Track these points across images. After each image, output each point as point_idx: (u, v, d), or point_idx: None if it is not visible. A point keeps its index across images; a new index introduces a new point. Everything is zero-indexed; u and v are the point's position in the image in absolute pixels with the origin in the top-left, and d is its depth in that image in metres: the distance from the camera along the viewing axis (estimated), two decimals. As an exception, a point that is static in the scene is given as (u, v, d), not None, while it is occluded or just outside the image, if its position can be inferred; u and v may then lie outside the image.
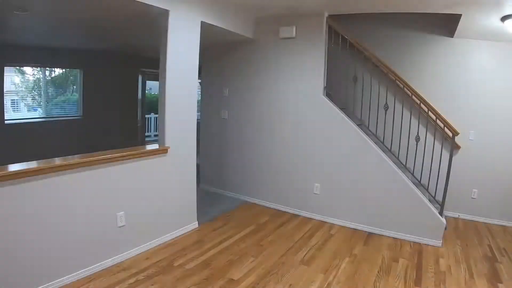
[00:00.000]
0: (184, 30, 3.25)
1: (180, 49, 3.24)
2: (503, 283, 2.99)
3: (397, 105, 4.15)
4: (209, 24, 3.55)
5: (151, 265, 2.86)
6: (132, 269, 2.77)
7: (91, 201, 2.63)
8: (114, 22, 3.84)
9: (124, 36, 4.88)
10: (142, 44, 5.51)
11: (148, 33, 4.15)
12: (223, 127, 4.86)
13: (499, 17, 3.49)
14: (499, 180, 4.47)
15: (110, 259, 2.79)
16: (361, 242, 3.66)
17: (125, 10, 3.15)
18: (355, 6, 3.80)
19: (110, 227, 2.79)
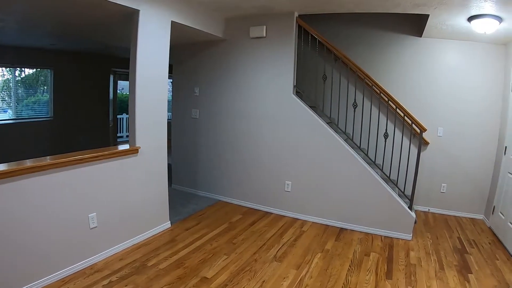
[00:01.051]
0: (154, 29, 3.25)
1: (150, 49, 3.23)
2: (473, 274, 3.12)
3: (366, 103, 4.27)
4: (179, 24, 3.57)
5: (125, 266, 2.85)
6: (105, 270, 2.76)
7: (62, 203, 2.60)
8: (85, 22, 3.80)
9: (95, 36, 4.81)
10: (113, 44, 5.46)
11: (119, 32, 4.14)
12: (194, 126, 4.87)
13: (466, 17, 3.64)
14: (467, 174, 4.67)
15: (83, 261, 2.78)
16: (333, 237, 3.74)
17: (95, 9, 3.13)
18: (325, 6, 3.86)
19: (82, 229, 2.76)
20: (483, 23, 3.55)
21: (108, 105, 7.52)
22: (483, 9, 3.34)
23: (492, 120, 4.52)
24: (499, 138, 4.47)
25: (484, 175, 4.62)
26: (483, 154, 4.59)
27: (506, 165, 4.16)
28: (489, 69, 4.47)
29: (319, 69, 4.34)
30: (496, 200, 4.28)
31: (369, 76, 4.09)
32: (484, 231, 4.28)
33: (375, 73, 4.54)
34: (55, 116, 6.46)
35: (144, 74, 3.19)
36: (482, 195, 4.67)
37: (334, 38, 4.59)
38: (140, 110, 3.19)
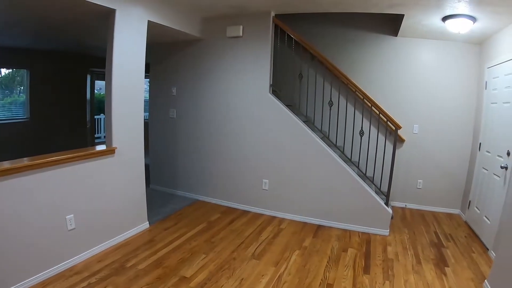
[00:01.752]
0: (130, 29, 3.26)
1: (126, 48, 3.24)
2: (450, 267, 3.24)
3: (342, 101, 4.38)
4: (156, 23, 3.59)
5: (104, 267, 2.86)
6: (84, 272, 2.76)
7: (39, 205, 2.58)
8: (61, 21, 3.78)
9: (72, 35, 4.78)
10: (90, 43, 5.43)
11: (95, 32, 4.12)
12: (172, 126, 4.89)
13: (441, 17, 3.76)
14: (442, 170, 4.83)
15: (62, 263, 2.77)
16: (311, 234, 3.82)
17: (71, 9, 3.13)
18: (302, 6, 3.92)
19: (60, 231, 2.75)
20: (457, 23, 3.69)
21: (85, 106, 7.43)
22: (457, 9, 3.47)
23: (467, 117, 4.69)
24: (474, 134, 4.62)
25: (459, 171, 4.78)
26: (458, 150, 4.76)
27: (480, 160, 4.31)
28: (463, 68, 4.63)
29: (295, 68, 4.43)
30: (472, 195, 4.43)
31: (345, 75, 4.21)
32: (460, 225, 4.42)
33: (351, 72, 4.66)
34: (31, 117, 6.36)
35: (121, 74, 3.20)
36: (458, 190, 4.83)
37: (311, 37, 4.67)
38: (117, 110, 3.20)
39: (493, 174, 3.84)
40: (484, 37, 4.31)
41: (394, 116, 4.29)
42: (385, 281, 2.89)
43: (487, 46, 4.34)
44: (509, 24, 3.68)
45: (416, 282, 2.91)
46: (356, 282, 2.86)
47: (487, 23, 3.75)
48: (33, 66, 6.30)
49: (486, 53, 4.35)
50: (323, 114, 4.46)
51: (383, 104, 4.47)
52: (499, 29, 3.90)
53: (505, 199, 3.33)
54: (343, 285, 2.80)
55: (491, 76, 4.17)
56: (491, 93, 4.14)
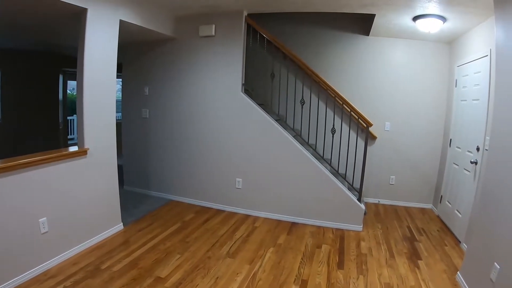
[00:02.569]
0: (102, 28, 3.24)
1: (98, 48, 3.23)
2: (423, 260, 3.36)
3: (314, 100, 4.45)
4: (128, 23, 3.58)
5: (79, 270, 2.85)
6: (59, 276, 2.74)
7: (11, 209, 2.54)
8: (32, 20, 3.72)
9: (43, 35, 4.70)
10: (62, 43, 5.34)
11: (67, 31, 4.07)
12: (145, 126, 4.87)
13: (411, 17, 3.87)
14: (414, 166, 4.99)
15: (37, 267, 2.74)
16: (285, 232, 3.90)
17: (42, 7, 3.08)
18: (274, 5, 3.97)
19: (33, 234, 2.72)
20: (427, 22, 3.81)
21: (58, 106, 7.32)
22: (428, 10, 3.58)
23: (438, 114, 4.86)
24: (445, 131, 4.79)
25: (431, 166, 4.96)
26: (429, 146, 4.93)
27: (451, 156, 4.46)
28: (434, 66, 4.80)
29: (268, 67, 4.48)
30: (443, 190, 4.59)
31: (317, 73, 4.29)
32: (432, 219, 4.58)
33: (325, 71, 4.78)
34: (3, 118, 6.23)
35: (92, 73, 3.19)
36: (430, 185, 5.00)
37: (285, 37, 4.75)
38: (88, 110, 3.18)
39: (463, 169, 3.99)
40: (454, 37, 4.46)
41: (367, 114, 4.41)
42: (359, 276, 2.98)
43: (457, 45, 4.49)
44: (478, 24, 3.83)
45: (389, 276, 3.01)
46: (330, 277, 2.93)
47: (456, 23, 3.89)
48: (4, 67, 6.17)
49: (456, 52, 4.52)
50: (295, 112, 4.57)
51: (356, 102, 4.61)
52: (469, 29, 4.05)
53: (475, 193, 3.49)
54: (318, 280, 2.86)
55: (461, 74, 4.33)
56: (461, 90, 4.30)
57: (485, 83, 3.55)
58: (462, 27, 4.02)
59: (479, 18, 3.64)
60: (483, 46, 3.68)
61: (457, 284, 2.92)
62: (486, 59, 3.57)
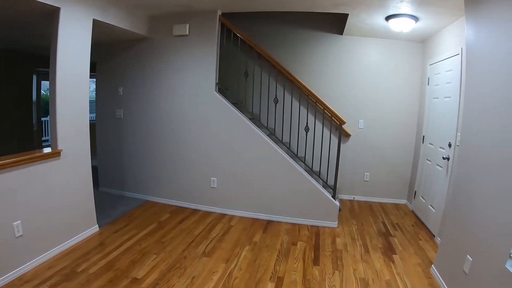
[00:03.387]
0: (75, 27, 3.23)
1: (71, 47, 3.21)
2: (397, 254, 3.48)
3: (287, 98, 4.54)
4: (101, 22, 3.57)
5: (54, 273, 2.83)
6: (35, 280, 2.72)
7: None
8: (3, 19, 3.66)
9: (16, 34, 4.62)
10: (36, 42, 5.26)
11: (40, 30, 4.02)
12: (119, 127, 4.84)
13: (384, 16, 3.98)
14: (388, 162, 5.15)
15: (11, 272, 2.71)
16: (261, 230, 3.97)
17: (14, 6, 3.04)
18: (248, 4, 4.00)
19: (7, 238, 2.69)
20: (399, 22, 3.92)
21: (31, 107, 7.18)
22: (400, 9, 3.68)
23: (411, 111, 5.02)
24: (418, 127, 4.96)
25: (404, 163, 5.12)
26: (403, 143, 5.09)
27: (424, 152, 4.62)
28: (407, 65, 4.95)
29: (242, 66, 4.54)
30: (417, 185, 4.75)
31: (290, 72, 4.38)
32: (407, 214, 4.73)
33: (299, 70, 4.90)
34: (-25, 120, 6.12)
35: (65, 73, 3.17)
36: (404, 181, 5.17)
37: (259, 36, 4.82)
38: (61, 111, 3.17)
39: (436, 165, 4.14)
40: (426, 36, 4.60)
41: (341, 112, 4.53)
42: (335, 271, 3.07)
43: (430, 44, 4.64)
44: (449, 24, 3.96)
45: (365, 271, 3.12)
46: (306, 273, 3.01)
47: (428, 22, 4.01)
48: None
49: (429, 51, 4.66)
50: (269, 111, 4.65)
51: (330, 101, 4.72)
52: (441, 28, 4.18)
53: (447, 188, 3.63)
54: (293, 277, 2.94)
55: (433, 72, 4.47)
56: (433, 88, 4.45)
57: (456, 81, 3.69)
58: (434, 26, 4.16)
59: (451, 18, 3.77)
60: (454, 45, 3.82)
61: (431, 277, 3.05)
62: (457, 58, 3.71)
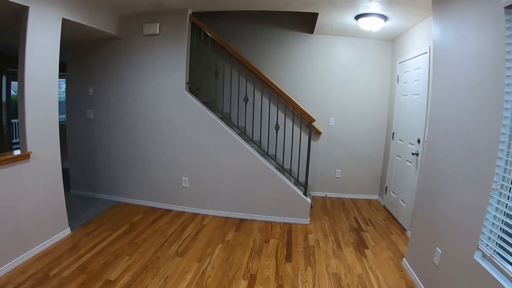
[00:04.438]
0: (44, 27, 3.22)
1: (40, 47, 3.20)
2: (369, 249, 3.63)
3: (258, 97, 4.68)
4: (71, 21, 3.56)
5: (27, 278, 2.83)
6: (8, 285, 2.72)
7: None
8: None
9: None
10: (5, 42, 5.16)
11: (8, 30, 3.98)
12: (90, 128, 4.80)
13: (353, 16, 4.11)
14: (359, 159, 5.33)
15: None
16: (233, 228, 4.05)
17: None
18: (219, 3, 4.06)
19: None
20: (369, 21, 4.06)
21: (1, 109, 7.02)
22: (369, 9, 3.82)
23: (381, 109, 5.20)
24: (388, 124, 5.14)
25: (375, 159, 5.32)
26: (373, 140, 5.28)
27: (394, 148, 4.80)
28: (377, 63, 5.13)
29: (213, 65, 4.59)
30: (388, 181, 4.93)
31: (260, 71, 4.45)
32: (379, 209, 4.91)
33: (270, 69, 5.02)
34: None
35: (34, 73, 3.16)
36: (375, 177, 5.36)
37: (230, 35, 4.92)
38: (30, 112, 3.15)
39: (406, 161, 4.32)
40: (396, 35, 4.77)
41: (311, 109, 4.68)
42: (307, 267, 3.18)
43: (399, 43, 4.81)
44: (418, 23, 4.12)
45: (337, 266, 3.24)
46: (279, 270, 3.11)
47: (398, 22, 4.16)
48: None
49: (398, 50, 4.83)
50: (240, 110, 4.71)
51: (301, 99, 4.87)
52: (410, 27, 4.34)
53: (417, 183, 3.80)
54: (266, 274, 3.03)
55: (402, 70, 4.65)
56: (402, 86, 4.63)
57: (424, 78, 3.86)
58: (403, 25, 4.32)
59: (419, 17, 3.93)
60: (423, 43, 3.99)
61: (403, 269, 3.19)
62: (425, 56, 3.88)
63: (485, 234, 2.03)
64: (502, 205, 1.94)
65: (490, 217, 2.00)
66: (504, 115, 1.88)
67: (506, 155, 1.91)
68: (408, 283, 2.95)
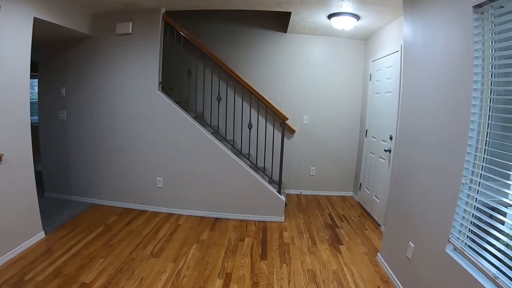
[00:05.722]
0: (15, 26, 3.20)
1: (10, 46, 3.18)
2: (344, 245, 3.78)
3: (231, 96, 4.75)
4: (43, 20, 3.54)
5: (2, 284, 2.83)
6: None
7: None
8: None
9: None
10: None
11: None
12: (63, 129, 4.76)
13: (326, 15, 4.24)
14: (333, 156, 5.51)
15: None
16: (208, 228, 4.14)
17: None
18: (192, 2, 4.12)
19: None
20: (341, 20, 4.18)
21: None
22: (342, 8, 3.94)
23: (354, 106, 5.38)
24: (361, 122, 5.32)
25: (349, 156, 5.50)
26: (347, 137, 5.46)
27: (367, 146, 4.98)
28: (350, 62, 5.29)
29: (186, 65, 4.66)
30: (362, 177, 5.12)
31: (233, 70, 4.53)
32: (353, 206, 5.08)
33: (243, 68, 5.13)
34: None
35: (4, 73, 3.14)
36: (349, 174, 5.55)
37: (204, 34, 4.99)
38: (1, 113, 3.13)
39: (379, 157, 4.49)
40: (368, 34, 4.92)
41: (285, 108, 4.81)
42: (282, 265, 3.30)
43: (372, 41, 4.97)
44: (390, 22, 4.28)
45: (312, 262, 3.37)
46: (254, 268, 3.21)
47: (370, 21, 4.31)
48: None
49: (371, 48, 5.00)
50: (213, 109, 4.78)
51: (274, 97, 5.01)
52: (382, 26, 4.50)
53: (390, 179, 3.97)
54: (242, 272, 3.13)
55: (375, 68, 4.81)
56: (375, 84, 4.80)
57: (396, 76, 4.01)
58: (376, 24, 4.47)
59: (391, 17, 4.08)
60: (394, 42, 4.14)
61: (377, 264, 3.34)
62: (397, 54, 4.03)
63: (456, 228, 2.15)
64: (472, 199, 2.05)
65: (460, 211, 2.11)
66: (472, 111, 2.00)
67: (475, 150, 2.02)
68: (383, 277, 3.10)
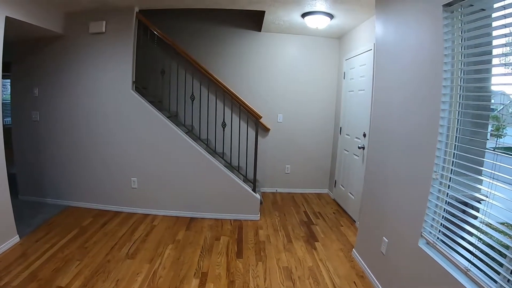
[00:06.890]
0: None
1: None
2: (320, 241, 3.91)
3: (204, 96, 4.82)
4: (14, 19, 3.52)
5: None
6: None
7: None
8: None
9: None
10: None
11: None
12: (37, 130, 4.73)
13: (300, 14, 4.35)
14: (308, 154, 5.66)
15: None
16: (184, 227, 4.22)
17: None
18: (165, 2, 4.17)
19: None
20: (315, 19, 4.30)
21: None
22: (315, 7, 4.06)
23: (328, 104, 5.54)
24: (335, 120, 5.49)
25: (324, 154, 5.67)
26: (321, 135, 5.62)
27: (342, 143, 5.15)
28: (325, 60, 5.44)
29: (160, 64, 4.69)
30: (337, 175, 5.29)
31: (207, 69, 4.60)
32: (329, 203, 5.25)
33: (217, 66, 5.22)
34: None
35: None
36: (324, 171, 5.72)
37: (178, 33, 5.06)
38: None
39: (353, 154, 4.66)
40: (342, 33, 5.07)
41: (259, 106, 4.94)
42: (258, 262, 3.41)
43: (345, 40, 5.12)
44: (363, 21, 4.42)
45: (288, 259, 3.49)
46: (230, 267, 3.31)
47: (343, 20, 4.44)
48: None
49: (344, 47, 5.15)
50: (187, 108, 4.86)
51: (249, 96, 5.12)
52: (355, 25, 4.64)
53: (364, 175, 4.13)
54: (218, 271, 3.22)
55: (348, 67, 4.97)
56: (348, 82, 4.95)
57: (369, 74, 4.16)
58: (349, 23, 4.60)
59: (364, 16, 4.21)
60: (367, 41, 4.28)
61: (353, 260, 3.48)
62: (370, 53, 4.18)
63: (428, 222, 2.26)
64: (442, 194, 2.16)
65: (432, 205, 2.22)
66: (442, 108, 2.11)
67: (445, 146, 2.13)
68: (358, 273, 3.24)
